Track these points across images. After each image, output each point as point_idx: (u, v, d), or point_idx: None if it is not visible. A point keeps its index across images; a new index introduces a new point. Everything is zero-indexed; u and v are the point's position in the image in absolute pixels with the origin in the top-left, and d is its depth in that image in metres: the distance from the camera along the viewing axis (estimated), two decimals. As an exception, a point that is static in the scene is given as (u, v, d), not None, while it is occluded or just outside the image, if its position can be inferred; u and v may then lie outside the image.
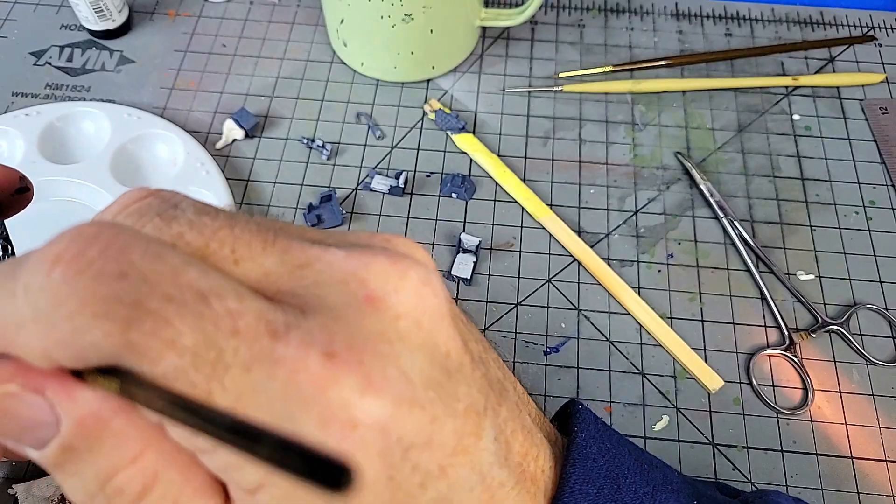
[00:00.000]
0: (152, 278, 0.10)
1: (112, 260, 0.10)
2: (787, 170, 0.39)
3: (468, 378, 0.12)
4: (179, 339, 0.10)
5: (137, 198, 0.12)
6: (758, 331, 0.34)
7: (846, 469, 0.30)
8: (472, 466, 0.12)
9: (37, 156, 0.36)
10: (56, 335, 0.10)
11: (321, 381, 0.10)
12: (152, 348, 0.10)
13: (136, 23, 0.44)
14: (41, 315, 0.10)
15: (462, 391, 0.12)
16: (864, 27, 0.45)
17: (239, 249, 0.11)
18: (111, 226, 0.11)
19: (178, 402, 0.10)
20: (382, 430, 0.11)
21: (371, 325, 0.11)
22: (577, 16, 0.45)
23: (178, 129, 0.38)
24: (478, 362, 0.13)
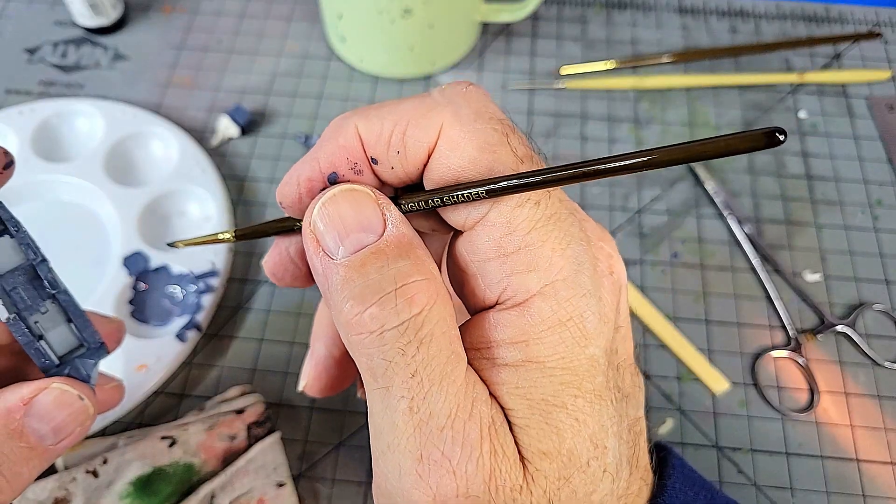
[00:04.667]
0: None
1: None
2: (793, 168, 0.39)
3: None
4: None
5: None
6: (763, 332, 0.33)
7: (852, 472, 0.30)
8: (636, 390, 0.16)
9: (30, 153, 0.36)
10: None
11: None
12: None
13: (130, 19, 0.43)
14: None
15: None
16: (870, 24, 0.45)
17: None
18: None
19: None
20: (622, 288, 0.15)
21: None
22: (580, 11, 0.45)
23: (174, 127, 0.37)
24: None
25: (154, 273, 0.32)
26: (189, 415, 0.29)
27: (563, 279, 0.14)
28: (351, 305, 0.13)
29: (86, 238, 0.34)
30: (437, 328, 0.13)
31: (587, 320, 0.14)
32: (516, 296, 0.14)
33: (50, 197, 0.35)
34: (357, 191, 0.14)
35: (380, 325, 0.13)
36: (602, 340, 0.14)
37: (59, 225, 0.35)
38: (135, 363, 0.29)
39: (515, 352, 0.14)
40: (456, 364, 0.13)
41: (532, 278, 0.14)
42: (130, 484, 0.27)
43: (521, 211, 0.14)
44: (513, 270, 0.14)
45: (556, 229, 0.14)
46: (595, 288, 0.14)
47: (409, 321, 0.13)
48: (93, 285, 0.32)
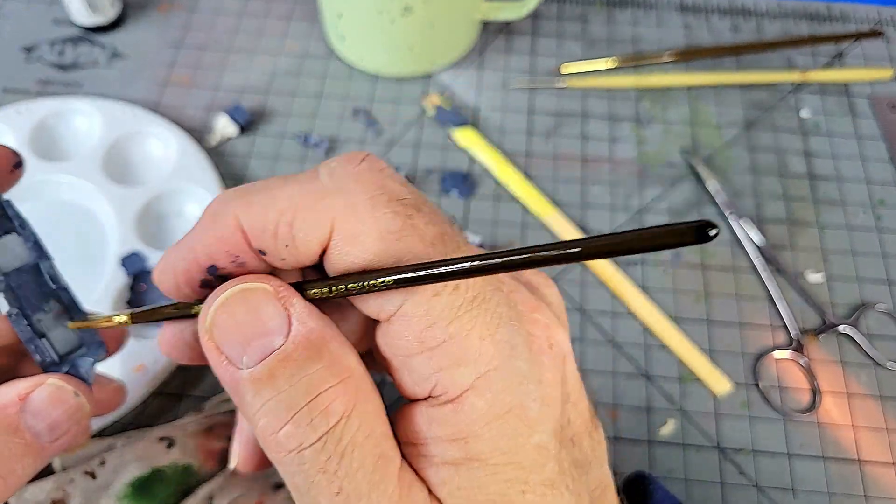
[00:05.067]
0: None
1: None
2: (795, 167, 0.38)
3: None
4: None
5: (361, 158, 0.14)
6: (765, 332, 0.33)
7: (854, 473, 0.30)
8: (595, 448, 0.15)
9: (28, 153, 0.35)
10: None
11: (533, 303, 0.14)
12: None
13: (128, 17, 0.43)
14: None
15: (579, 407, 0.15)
16: (872, 22, 0.44)
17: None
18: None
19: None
20: (566, 357, 0.14)
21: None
22: (581, 9, 0.45)
23: (172, 126, 0.37)
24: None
25: (151, 273, 0.32)
26: (187, 416, 0.29)
27: (495, 368, 0.13)
28: (265, 423, 0.12)
29: (83, 238, 0.34)
30: (359, 435, 0.12)
31: (528, 409, 0.13)
32: (448, 392, 0.13)
33: (48, 196, 0.35)
34: (252, 290, 0.12)
35: (297, 443, 0.12)
36: (549, 424, 0.13)
37: (56, 224, 0.35)
38: (132, 364, 0.29)
39: (454, 450, 0.13)
40: (385, 470, 0.12)
41: (462, 373, 0.12)
42: (128, 485, 0.26)
43: (439, 300, 0.12)
44: (439, 366, 0.12)
45: (481, 313, 0.13)
46: (533, 370, 0.13)
47: (326, 435, 0.12)
48: (91, 285, 0.32)
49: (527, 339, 0.13)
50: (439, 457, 0.13)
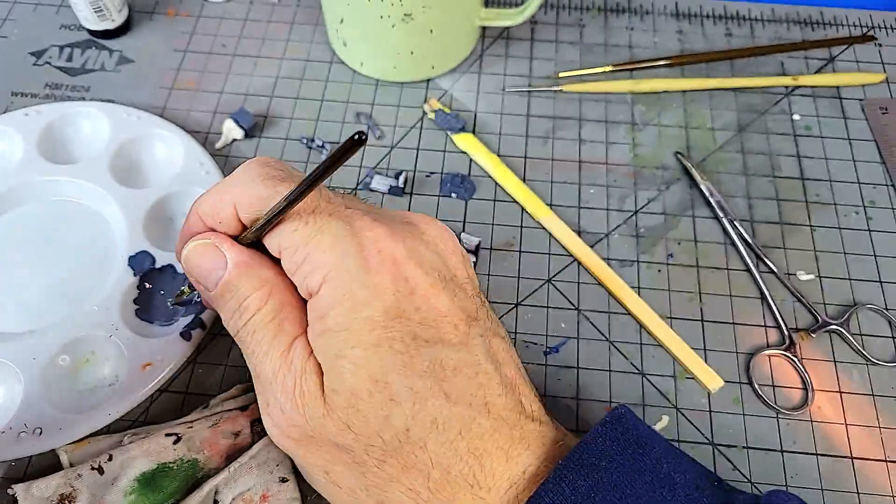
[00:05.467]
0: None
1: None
2: (788, 170, 0.39)
3: (468, 293, 0.21)
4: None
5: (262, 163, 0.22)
6: (758, 331, 0.34)
7: (846, 469, 0.30)
8: (467, 340, 0.20)
9: (36, 156, 0.36)
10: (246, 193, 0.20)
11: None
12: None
13: (135, 23, 0.44)
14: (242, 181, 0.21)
15: (460, 294, 0.21)
16: (864, 27, 0.45)
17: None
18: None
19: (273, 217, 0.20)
20: (397, 261, 0.20)
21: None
22: (577, 15, 0.45)
23: (178, 129, 0.38)
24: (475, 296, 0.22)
25: (159, 272, 0.33)
26: (193, 412, 0.30)
27: (334, 268, 0.19)
28: (225, 319, 0.21)
29: (92, 238, 0.35)
30: (264, 320, 0.20)
31: (356, 293, 0.19)
32: (312, 289, 0.19)
33: (56, 198, 0.36)
34: (201, 244, 0.21)
35: (236, 328, 0.21)
36: (375, 304, 0.19)
37: (64, 225, 0.35)
38: (140, 362, 0.30)
39: (319, 325, 0.19)
40: (279, 341, 0.20)
41: (316, 275, 0.19)
42: (135, 480, 0.27)
43: (297, 234, 0.19)
44: (305, 274, 0.19)
45: (324, 237, 0.19)
46: (361, 268, 0.19)
47: (246, 323, 0.20)
48: (99, 285, 0.33)
49: (357, 247, 0.19)
50: (315, 331, 0.19)
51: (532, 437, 0.19)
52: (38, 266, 0.34)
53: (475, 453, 0.18)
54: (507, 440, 0.19)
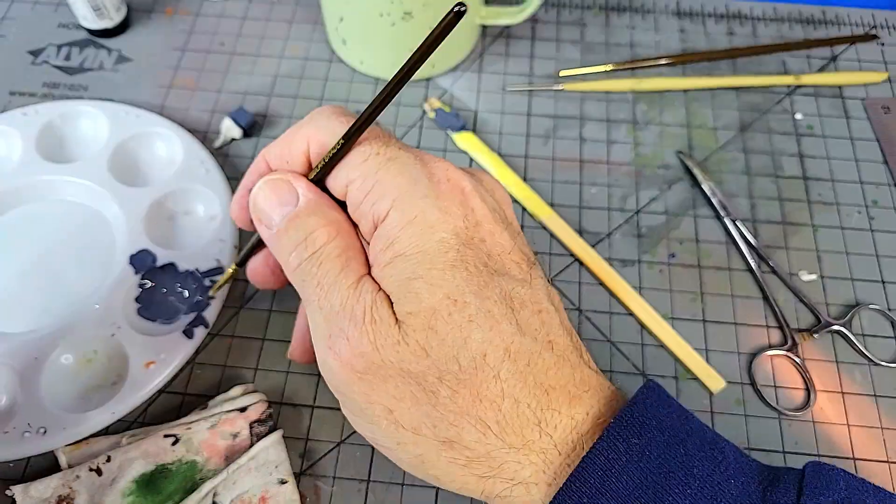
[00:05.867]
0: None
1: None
2: (790, 169, 0.39)
3: (524, 239, 0.21)
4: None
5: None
6: (759, 331, 0.33)
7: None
8: (531, 279, 0.20)
9: (34, 155, 0.36)
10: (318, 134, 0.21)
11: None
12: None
13: (134, 21, 0.44)
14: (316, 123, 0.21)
15: (518, 238, 0.21)
16: (866, 26, 0.45)
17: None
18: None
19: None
20: (465, 190, 0.20)
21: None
22: (578, 14, 0.45)
23: (177, 128, 0.38)
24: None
25: (160, 271, 0.33)
26: (192, 413, 0.29)
27: (405, 192, 0.19)
28: (285, 254, 0.20)
29: (92, 237, 0.35)
30: (332, 254, 0.19)
31: (428, 215, 0.18)
32: (380, 216, 0.19)
33: (55, 197, 0.36)
34: (274, 179, 0.21)
35: (298, 262, 0.20)
36: (448, 226, 0.18)
37: (65, 225, 0.35)
38: (143, 360, 0.30)
39: (388, 253, 0.19)
40: (347, 274, 0.19)
41: (385, 200, 0.19)
42: (134, 482, 0.27)
43: (368, 163, 0.19)
44: (373, 200, 0.19)
45: (395, 165, 0.19)
46: (431, 192, 0.19)
47: (312, 255, 0.19)
48: (100, 284, 0.33)
49: (427, 174, 0.19)
50: (383, 261, 0.19)
51: (591, 382, 0.19)
52: (39, 266, 0.34)
53: (542, 387, 0.18)
54: (569, 380, 0.19)
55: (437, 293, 0.18)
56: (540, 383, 0.18)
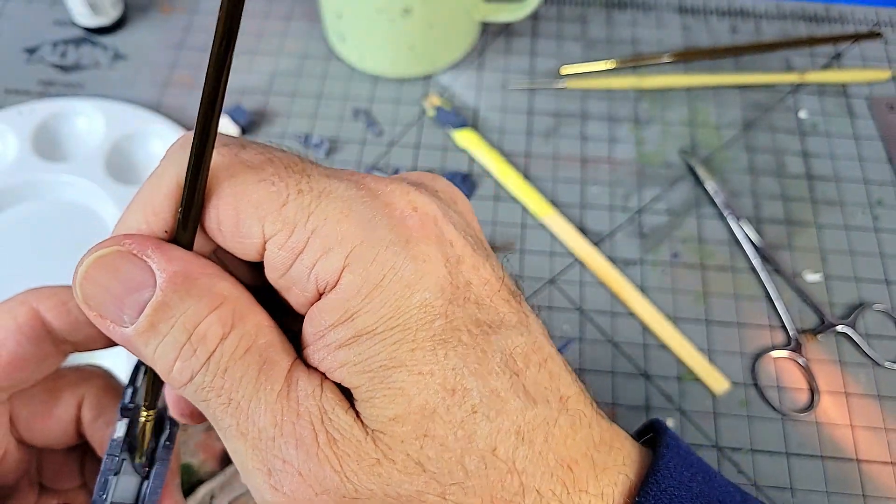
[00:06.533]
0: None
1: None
2: (793, 168, 0.39)
3: (496, 258, 0.16)
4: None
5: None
6: (763, 332, 0.33)
7: (852, 472, 0.30)
8: (525, 318, 0.15)
9: (30, 153, 0.36)
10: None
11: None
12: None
13: (130, 18, 0.43)
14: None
15: (492, 260, 0.15)
16: (870, 23, 0.45)
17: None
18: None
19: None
20: (438, 218, 0.14)
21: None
22: (580, 10, 0.45)
23: (174, 126, 0.37)
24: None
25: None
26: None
27: (360, 243, 0.13)
28: (161, 366, 0.14)
29: (87, 237, 0.34)
30: (239, 350, 0.13)
31: (402, 269, 0.13)
32: (328, 281, 0.13)
33: (51, 196, 0.35)
34: (107, 254, 0.13)
35: (189, 374, 0.13)
36: (429, 281, 0.13)
37: (60, 224, 0.35)
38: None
39: (344, 331, 0.13)
40: (270, 373, 0.13)
41: (332, 258, 0.13)
42: (130, 484, 0.27)
43: (287, 208, 0.13)
44: (312, 261, 0.13)
45: (331, 202, 0.13)
46: (398, 235, 0.14)
47: (209, 360, 0.13)
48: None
49: (383, 209, 0.14)
50: (334, 342, 0.14)
51: (608, 437, 0.15)
52: (33, 265, 0.33)
53: (564, 464, 0.14)
54: (590, 443, 0.15)
55: (429, 385, 0.13)
56: (561, 460, 0.14)
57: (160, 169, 0.14)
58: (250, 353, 0.13)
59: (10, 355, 0.16)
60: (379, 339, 0.13)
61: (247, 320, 0.14)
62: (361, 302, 0.13)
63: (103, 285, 0.13)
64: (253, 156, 0.14)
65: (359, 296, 0.13)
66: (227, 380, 0.13)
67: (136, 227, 0.14)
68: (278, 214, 0.13)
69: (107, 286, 0.13)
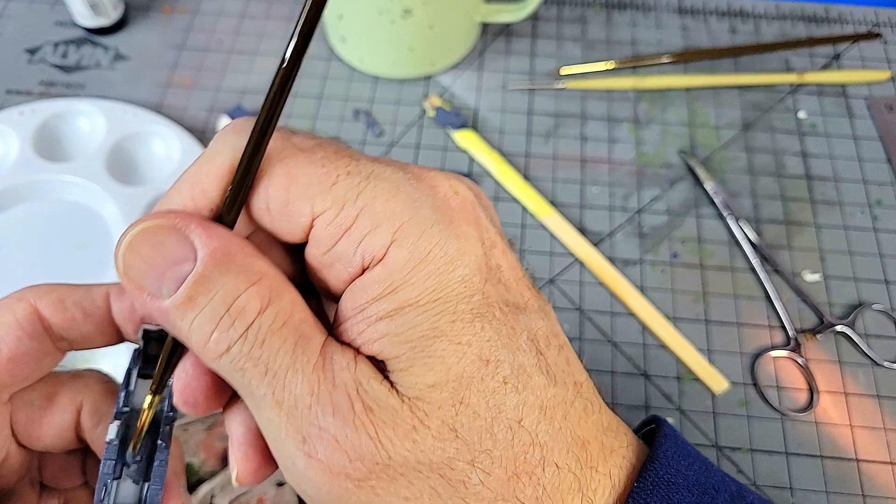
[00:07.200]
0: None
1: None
2: (793, 168, 0.39)
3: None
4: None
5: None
6: (762, 332, 0.33)
7: (851, 472, 0.30)
8: (544, 306, 0.16)
9: (32, 154, 0.36)
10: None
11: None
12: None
13: (131, 19, 0.44)
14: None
15: (512, 252, 0.16)
16: (869, 24, 0.45)
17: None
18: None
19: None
20: (475, 204, 0.15)
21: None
22: (580, 11, 0.45)
23: (175, 126, 0.37)
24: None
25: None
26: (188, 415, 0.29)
27: (407, 220, 0.14)
28: (197, 338, 0.14)
29: (89, 237, 0.34)
30: (276, 323, 0.14)
31: (446, 246, 0.14)
32: (374, 256, 0.14)
33: (52, 197, 0.36)
34: (152, 227, 0.14)
35: (225, 345, 0.14)
36: (470, 259, 0.14)
37: (61, 224, 0.35)
38: (135, 363, 0.29)
39: (386, 303, 0.14)
40: (306, 346, 0.14)
41: (380, 233, 0.14)
42: (131, 483, 0.27)
43: (337, 187, 0.14)
44: (360, 237, 0.14)
45: (380, 183, 0.14)
46: (442, 215, 0.14)
47: (247, 331, 0.14)
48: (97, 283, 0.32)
49: (429, 191, 0.15)
50: (375, 315, 0.14)
51: (614, 424, 0.16)
52: (35, 265, 0.33)
53: (580, 442, 0.15)
54: (599, 427, 0.16)
55: (467, 355, 0.14)
56: (577, 438, 0.15)
57: (212, 151, 0.15)
58: (287, 328, 0.14)
59: (11, 351, 0.16)
60: (422, 310, 0.14)
61: (283, 297, 0.14)
62: (407, 275, 0.14)
63: (145, 257, 0.14)
64: (303, 140, 0.15)
65: (404, 269, 0.14)
66: (264, 350, 0.14)
67: (181, 204, 0.15)
68: (328, 193, 0.14)
69: (148, 258, 0.14)
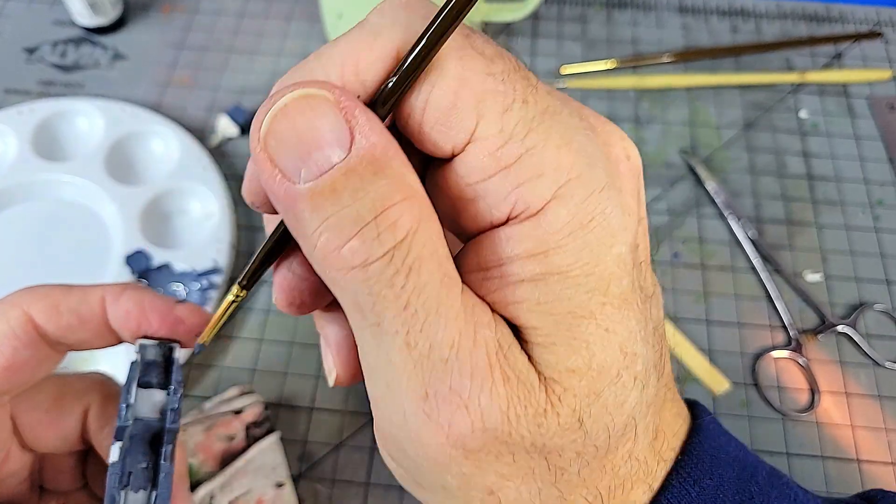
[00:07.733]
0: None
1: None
2: (794, 168, 0.38)
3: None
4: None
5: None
6: (764, 332, 0.33)
7: (853, 472, 0.30)
8: (654, 290, 0.14)
9: (30, 153, 0.35)
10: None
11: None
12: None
13: (130, 18, 0.43)
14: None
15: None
16: (870, 23, 0.45)
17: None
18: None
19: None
20: (640, 174, 0.14)
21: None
22: (580, 10, 0.45)
23: (174, 125, 0.37)
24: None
25: (156, 271, 0.32)
26: (188, 415, 0.29)
27: (576, 177, 0.12)
28: (327, 239, 0.11)
29: (87, 237, 0.34)
30: (425, 251, 0.11)
31: (611, 217, 0.12)
32: (529, 207, 0.12)
33: (51, 196, 0.35)
34: (314, 97, 0.11)
35: (363, 258, 0.11)
36: (628, 236, 0.12)
37: (60, 224, 0.35)
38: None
39: (534, 265, 0.12)
40: (451, 288, 0.12)
41: (543, 184, 0.12)
42: (130, 484, 0.27)
43: (511, 115, 0.12)
44: (518, 181, 0.12)
45: (554, 124, 0.12)
46: (613, 179, 0.12)
47: (394, 249, 0.11)
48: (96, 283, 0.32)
49: (603, 148, 0.13)
50: (517, 275, 0.12)
51: (680, 408, 0.15)
52: (33, 265, 0.33)
53: (656, 432, 0.14)
54: (671, 413, 0.15)
55: (612, 344, 0.12)
56: (657, 429, 0.14)
57: (374, 26, 0.13)
58: (434, 259, 0.12)
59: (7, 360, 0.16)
60: (573, 283, 0.12)
61: (432, 223, 0.12)
62: (563, 239, 0.12)
63: (296, 127, 0.11)
64: (484, 45, 0.12)
65: (562, 232, 0.12)
66: (409, 280, 0.11)
67: (327, 80, 0.12)
68: (498, 118, 0.12)
69: (299, 130, 0.11)
